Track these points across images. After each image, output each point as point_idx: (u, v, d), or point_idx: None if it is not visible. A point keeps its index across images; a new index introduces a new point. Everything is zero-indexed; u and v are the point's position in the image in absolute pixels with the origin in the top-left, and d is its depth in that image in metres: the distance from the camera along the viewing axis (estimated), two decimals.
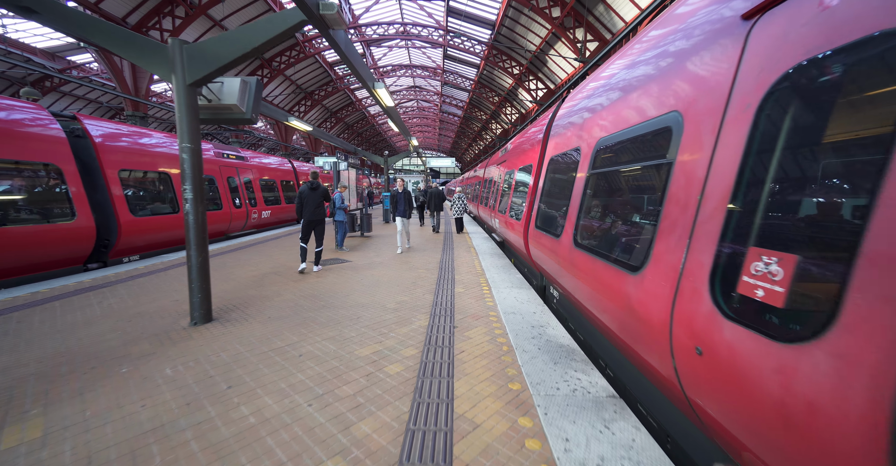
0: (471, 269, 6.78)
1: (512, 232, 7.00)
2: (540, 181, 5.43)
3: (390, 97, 6.95)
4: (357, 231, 11.20)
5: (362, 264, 7.17)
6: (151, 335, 3.52)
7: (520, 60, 21.68)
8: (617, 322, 2.52)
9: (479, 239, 10.81)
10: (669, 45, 2.30)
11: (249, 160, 12.54)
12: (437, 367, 2.95)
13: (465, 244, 9.87)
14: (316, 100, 28.61)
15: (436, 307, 4.52)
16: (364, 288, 5.36)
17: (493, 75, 27.02)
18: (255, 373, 2.81)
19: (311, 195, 6.48)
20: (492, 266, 6.99)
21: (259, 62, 20.48)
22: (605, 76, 3.34)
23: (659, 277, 2.00)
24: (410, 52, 29.62)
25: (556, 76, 20.81)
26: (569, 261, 3.60)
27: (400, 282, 5.75)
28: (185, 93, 3.43)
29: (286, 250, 8.72)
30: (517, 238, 6.48)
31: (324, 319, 4.05)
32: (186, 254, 3.64)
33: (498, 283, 5.73)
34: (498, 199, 9.61)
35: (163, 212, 8.04)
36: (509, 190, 8.14)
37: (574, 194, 3.70)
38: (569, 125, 4.29)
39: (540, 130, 6.11)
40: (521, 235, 6.04)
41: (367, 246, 9.47)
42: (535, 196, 5.75)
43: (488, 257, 8.02)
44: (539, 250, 4.94)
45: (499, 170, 10.60)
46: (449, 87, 34.29)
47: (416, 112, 48.13)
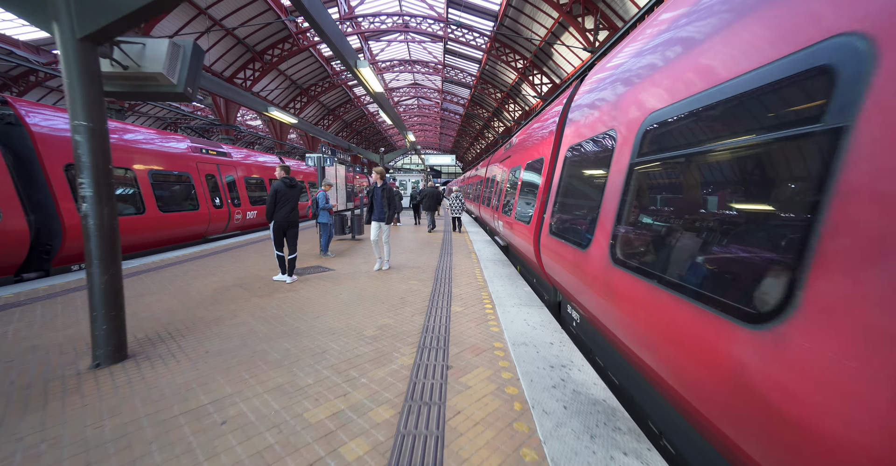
0: (471, 279, 5.83)
1: (519, 237, 6.05)
2: (554, 178, 4.48)
3: (378, 80, 6.01)
4: (347, 233, 10.26)
5: (346, 272, 6.23)
6: (24, 385, 2.57)
7: (524, 53, 20.70)
8: (706, 397, 1.56)
9: (481, 243, 9.86)
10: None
11: (233, 157, 11.62)
12: (419, 447, 2.00)
13: (466, 249, 8.92)
14: (312, 96, 27.69)
15: (426, 333, 3.57)
16: (341, 306, 4.42)
17: (495, 70, 26.05)
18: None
19: (287, 193, 5.56)
20: (495, 276, 6.04)
21: (250, 55, 19.56)
22: (666, 22, 2.37)
23: (827, 348, 1.05)
24: (410, 48, 28.67)
25: (562, 70, 19.82)
26: (603, 283, 2.65)
27: (386, 297, 4.80)
28: (74, 51, 2.49)
29: (265, 255, 7.78)
30: (525, 244, 5.53)
31: (278, 354, 3.10)
32: (86, 272, 2.70)
33: (503, 299, 4.78)
34: (501, 199, 8.65)
35: (122, 213, 7.11)
36: (514, 189, 7.20)
37: (608, 192, 2.74)
38: (596, 104, 3.34)
39: (553, 117, 5.16)
40: (531, 241, 5.09)
41: (356, 251, 8.53)
42: (547, 196, 4.81)
43: (491, 264, 7.06)
44: (554, 262, 3.98)
45: (502, 167, 9.64)
46: (450, 83, 33.33)
47: (416, 110, 47.19)
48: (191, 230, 9.38)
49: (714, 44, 1.76)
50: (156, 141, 8.40)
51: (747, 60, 1.52)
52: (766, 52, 1.43)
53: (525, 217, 5.71)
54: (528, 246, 5.31)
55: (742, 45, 1.57)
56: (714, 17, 1.81)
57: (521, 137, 7.43)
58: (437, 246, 9.30)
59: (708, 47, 1.81)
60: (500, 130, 34.96)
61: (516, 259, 7.50)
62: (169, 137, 9.07)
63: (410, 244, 9.57)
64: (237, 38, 18.17)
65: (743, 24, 1.58)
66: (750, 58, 1.50)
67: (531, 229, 5.11)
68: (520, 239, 5.95)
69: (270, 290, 5.10)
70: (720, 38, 1.72)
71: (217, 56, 18.39)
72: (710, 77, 1.74)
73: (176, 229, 8.70)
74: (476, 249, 8.98)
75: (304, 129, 10.01)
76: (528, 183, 6.07)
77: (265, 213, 5.45)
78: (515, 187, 7.11)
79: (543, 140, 5.34)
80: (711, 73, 1.74)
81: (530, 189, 5.75)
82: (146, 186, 7.79)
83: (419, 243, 9.73)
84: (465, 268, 6.71)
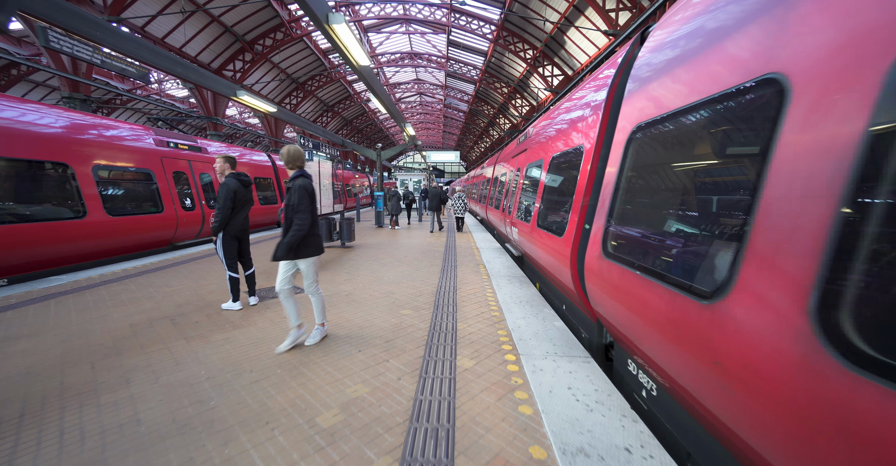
0: (482, 308, 4.45)
1: (544, 252, 4.68)
2: (605, 174, 3.10)
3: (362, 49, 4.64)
4: (335, 240, 8.91)
5: (327, 293, 4.85)
6: None
7: (534, 42, 19.27)
8: None
9: (490, 252, 8.47)
10: None
11: (210, 152, 10.31)
12: None
13: (472, 259, 7.54)
14: (309, 91, 26.39)
15: (418, 424, 2.21)
16: (296, 360, 3.06)
17: (502, 63, 24.63)
18: None
19: (245, 194, 4.24)
20: (513, 301, 4.67)
21: (240, 45, 18.26)
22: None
23: None
24: (412, 40, 27.31)
25: (576, 60, 18.38)
26: (732, 355, 1.30)
27: (366, 342, 3.44)
28: None
29: None
30: (555, 264, 4.15)
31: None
32: None
33: (530, 343, 3.41)
34: (515, 202, 7.28)
35: (48, 217, 5.81)
36: (533, 190, 5.82)
37: (769, 191, 1.39)
38: (694, 55, 1.96)
39: (596, 92, 3.77)
40: (565, 261, 3.71)
41: (342, 262, 7.17)
42: (591, 200, 3.43)
43: (505, 281, 5.69)
44: (615, 300, 2.61)
45: (514, 164, 8.26)
46: (454, 78, 31.95)
47: (419, 108, 45.84)
48: (153, 236, 8.07)
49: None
50: (104, 131, 7.08)
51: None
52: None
53: (554, 227, 4.33)
54: (560, 267, 3.93)
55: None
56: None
57: (542, 124, 6.04)
58: (438, 256, 7.92)
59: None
60: (507, 127, 33.53)
61: (533, 273, 6.12)
62: (125, 128, 7.76)
63: (407, 252, 8.21)
64: (224, 26, 16.88)
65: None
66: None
67: (565, 245, 3.74)
68: (545, 255, 4.58)
69: (210, 327, 3.75)
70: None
71: (202, 45, 17.11)
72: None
73: (131, 236, 7.39)
74: (484, 259, 7.60)
75: (287, 119, 8.70)
76: (556, 182, 4.70)
77: (216, 220, 4.11)
78: (535, 187, 5.73)
79: (581, 124, 3.96)
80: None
81: (561, 190, 4.38)
82: (88, 184, 6.48)
83: (418, 252, 8.37)
84: (473, 288, 5.34)
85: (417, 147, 13.75)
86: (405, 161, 69.46)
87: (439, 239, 10.63)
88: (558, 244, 4.02)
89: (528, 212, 6.10)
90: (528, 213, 6.09)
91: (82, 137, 6.55)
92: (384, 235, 11.70)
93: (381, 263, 7.12)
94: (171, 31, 15.27)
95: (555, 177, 4.79)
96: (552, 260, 4.31)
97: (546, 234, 4.61)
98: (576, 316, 4.05)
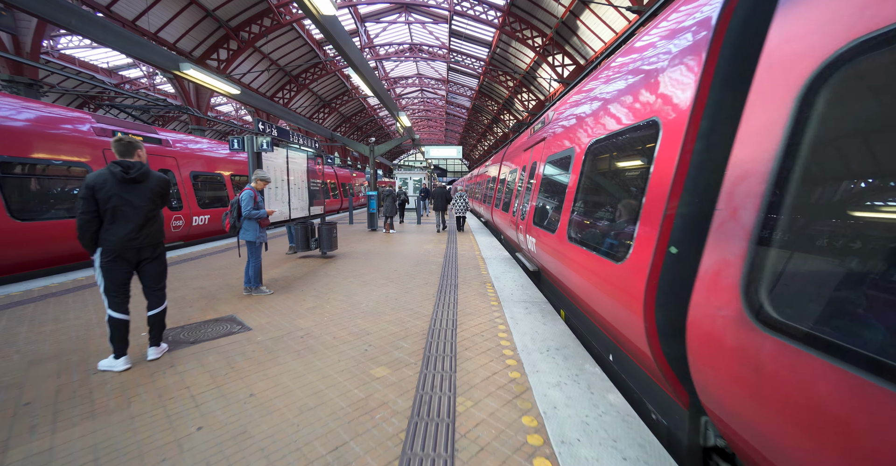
0: (494, 363, 3.01)
1: (581, 277, 3.23)
2: (741, 156, 1.64)
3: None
4: (314, 248, 7.49)
5: (276, 334, 3.45)
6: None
7: (543, 28, 17.77)
8: None
9: (499, 264, 7.02)
10: None
11: (173, 145, 8.92)
12: None
13: (477, 274, 6.08)
14: (303, 84, 24.97)
15: None
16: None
17: (507, 54, 23.12)
18: None
19: (126, 194, 2.73)
20: (537, 348, 3.22)
21: (224, 32, 16.85)
22: None
23: None
24: (412, 30, 25.84)
25: (589, 47, 16.86)
26: None
27: (320, 425, 2.00)
28: None
29: (172, 289, 5.06)
30: (606, 302, 2.70)
31: None
32: None
33: (580, 450, 1.95)
34: (531, 204, 5.83)
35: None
36: (559, 189, 4.40)
37: None
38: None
39: (692, 24, 2.31)
40: (631, 305, 2.26)
41: (314, 279, 5.74)
42: (707, 205, 1.98)
43: (521, 310, 4.25)
44: (795, 423, 1.16)
45: (528, 158, 6.82)
46: (456, 72, 30.46)
47: (420, 104, 44.37)
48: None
49: None
50: (15, 114, 5.67)
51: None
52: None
53: (600, 244, 2.89)
54: (619, 312, 2.48)
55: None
56: None
57: (573, 100, 4.57)
58: (435, 269, 6.48)
59: None
60: (511, 123, 32.03)
61: (556, 295, 4.66)
62: (53, 112, 6.36)
63: (398, 264, 6.78)
64: (205, 10, 15.46)
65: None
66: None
67: (632, 279, 2.29)
68: (585, 284, 3.13)
69: (56, 412, 2.33)
70: None
71: (181, 31, 15.72)
72: None
73: (54, 244, 5.99)
74: (491, 273, 6.16)
75: (256, 105, 7.32)
76: (600, 177, 3.27)
77: (78, 236, 2.68)
78: (560, 186, 4.29)
79: (655, 84, 2.50)
80: None
81: (614, 189, 2.94)
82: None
83: (412, 263, 6.93)
84: (479, 322, 3.90)
85: (415, 141, 12.33)
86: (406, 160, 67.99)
87: (438, 246, 9.19)
88: (613, 275, 2.57)
89: (550, 218, 4.66)
90: (550, 219, 4.64)
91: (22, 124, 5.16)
92: (376, 240, 10.28)
93: (362, 280, 5.69)
94: (144, 12, 13.87)
95: (598, 170, 3.35)
96: (600, 295, 2.86)
97: (585, 253, 3.17)
98: (638, 382, 2.60)
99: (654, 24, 2.84)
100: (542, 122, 6.44)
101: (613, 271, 2.58)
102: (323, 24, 3.99)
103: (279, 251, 8.21)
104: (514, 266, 6.83)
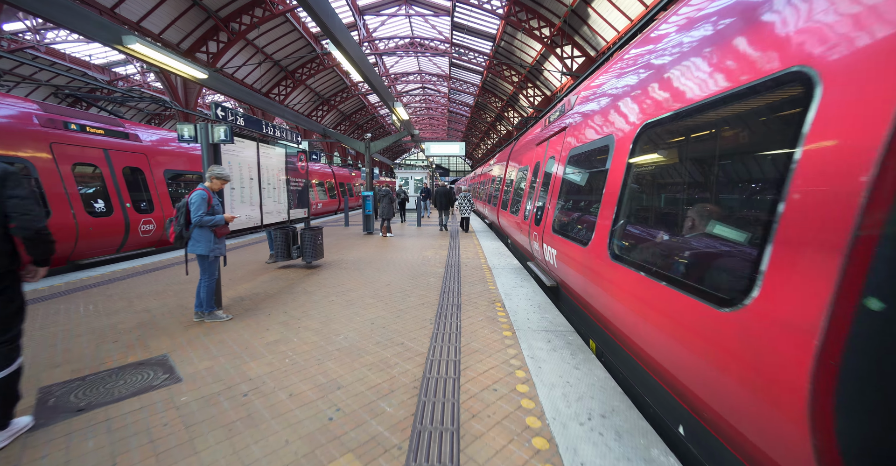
0: (514, 430, 2.03)
1: (642, 319, 2.24)
2: None
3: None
4: (296, 257, 6.53)
5: (211, 390, 2.49)
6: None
7: (551, 18, 16.73)
8: None
9: (508, 275, 6.02)
10: None
11: (143, 140, 7.99)
12: None
13: (485, 290, 5.09)
14: (299, 80, 24.03)
15: None
16: None
17: (512, 47, 22.09)
18: None
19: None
20: (574, 411, 2.23)
21: (213, 23, 15.93)
22: None
23: None
24: (412, 22, 24.86)
25: (600, 37, 15.82)
26: None
27: None
28: None
29: (109, 313, 4.13)
30: (726, 386, 1.66)
31: None
32: None
33: None
34: (550, 207, 4.85)
35: None
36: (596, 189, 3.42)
37: None
38: None
39: None
40: (775, 396, 1.26)
41: (288, 299, 4.77)
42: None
43: (543, 345, 3.26)
44: None
45: (544, 152, 5.84)
46: (458, 68, 29.46)
47: (422, 103, 43.39)
48: None
49: None
50: None
51: None
52: None
53: (682, 276, 1.91)
54: (747, 403, 1.48)
55: None
56: None
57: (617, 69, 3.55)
58: (434, 284, 5.50)
59: None
60: (516, 121, 31.00)
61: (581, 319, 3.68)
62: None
63: (392, 276, 5.81)
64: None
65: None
66: None
67: (759, 338, 1.31)
68: (663, 335, 2.13)
69: None
70: None
71: (167, 21, 14.79)
72: None
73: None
74: (501, 289, 5.17)
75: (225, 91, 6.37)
76: (676, 170, 2.31)
77: None
78: (597, 184, 3.31)
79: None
80: None
81: (731, 187, 1.96)
82: None
83: (407, 275, 5.95)
84: (489, 365, 2.91)
85: (414, 136, 11.37)
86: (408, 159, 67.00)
87: (439, 252, 8.21)
88: (718, 327, 1.59)
89: (578, 226, 3.68)
90: (578, 227, 3.66)
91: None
92: (371, 245, 9.31)
93: (347, 299, 4.73)
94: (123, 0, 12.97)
95: (671, 159, 2.37)
96: (674, 348, 1.88)
97: (646, 282, 2.19)
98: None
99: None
100: (561, 110, 5.46)
101: (716, 321, 1.60)
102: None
103: (257, 260, 7.26)
104: (525, 279, 5.85)
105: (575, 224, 3.86)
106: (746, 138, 1.76)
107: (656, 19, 3.63)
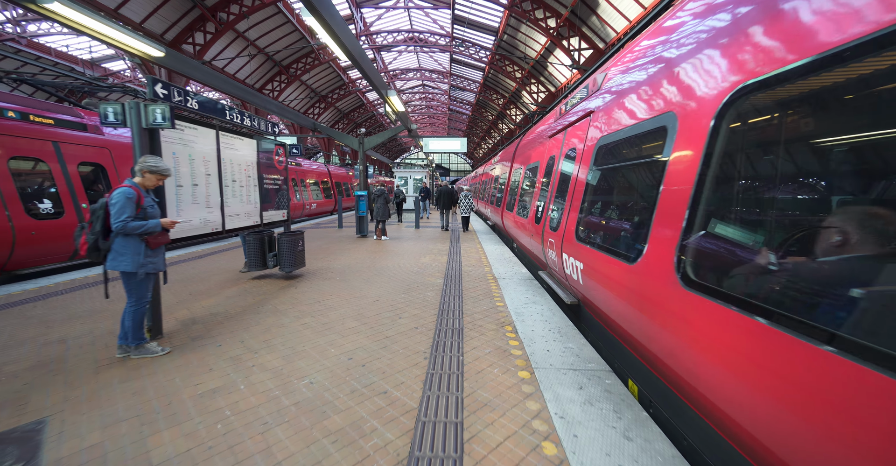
0: None
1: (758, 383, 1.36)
2: None
3: None
4: (272, 266, 5.66)
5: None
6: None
7: (558, 7, 15.84)
8: None
9: (517, 287, 5.13)
10: None
11: (103, 133, 7.12)
12: None
13: (492, 309, 4.19)
14: (294, 76, 23.15)
15: None
16: None
17: (515, 40, 21.20)
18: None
19: None
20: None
21: (199, 13, 15.04)
22: None
23: None
24: (411, 15, 23.98)
25: (610, 28, 14.94)
26: None
27: None
28: None
29: (3, 348, 3.26)
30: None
31: None
32: None
33: None
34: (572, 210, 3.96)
35: None
36: (660, 189, 2.52)
37: None
38: None
39: None
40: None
41: (256, 318, 3.89)
42: None
43: (573, 392, 2.37)
44: None
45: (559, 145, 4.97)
46: (459, 64, 28.59)
47: (422, 101, 42.48)
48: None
49: None
50: None
51: None
52: None
53: (847, 330, 1.02)
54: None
55: None
56: None
57: (678, 26, 2.66)
58: (431, 300, 4.62)
59: None
60: (519, 119, 30.12)
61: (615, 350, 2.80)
62: None
63: (382, 290, 4.93)
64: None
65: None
66: None
67: None
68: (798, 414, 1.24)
69: None
70: None
71: (149, 9, 13.90)
72: None
73: None
74: (511, 307, 4.28)
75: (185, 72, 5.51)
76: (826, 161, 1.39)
77: None
78: (653, 182, 2.44)
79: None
80: None
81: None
82: None
83: (400, 289, 5.08)
84: (504, 434, 2.03)
85: (411, 132, 10.50)
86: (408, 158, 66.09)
87: (438, 258, 7.34)
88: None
89: (620, 236, 2.80)
90: (620, 238, 2.79)
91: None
92: (363, 249, 8.44)
93: (323, 322, 3.85)
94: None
95: (793, 137, 1.48)
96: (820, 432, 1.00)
97: (755, 329, 1.31)
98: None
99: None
100: (582, 93, 4.57)
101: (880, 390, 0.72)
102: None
103: (232, 268, 6.39)
104: (537, 292, 4.98)
105: (612, 232, 2.99)
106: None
107: (673, 5, 2.83)
